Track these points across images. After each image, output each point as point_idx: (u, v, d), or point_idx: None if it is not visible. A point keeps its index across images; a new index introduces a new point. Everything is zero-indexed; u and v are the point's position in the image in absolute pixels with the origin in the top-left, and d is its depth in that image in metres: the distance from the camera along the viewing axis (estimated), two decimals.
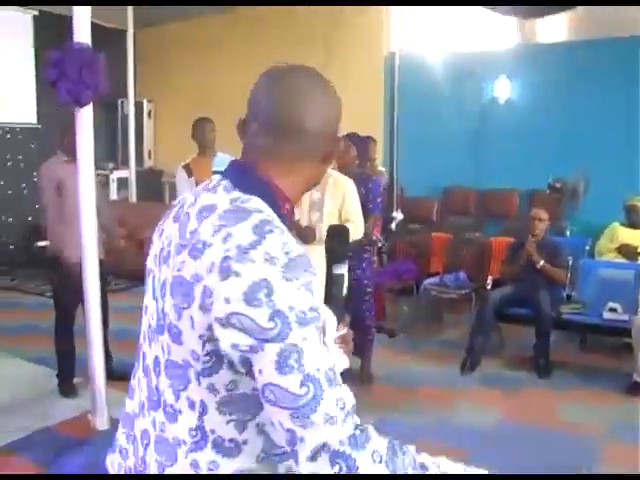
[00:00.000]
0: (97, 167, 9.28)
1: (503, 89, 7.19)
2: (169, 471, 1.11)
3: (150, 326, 1.17)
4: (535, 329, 4.78)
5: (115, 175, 9.30)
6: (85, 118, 3.38)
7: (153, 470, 1.14)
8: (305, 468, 1.00)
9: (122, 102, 9.32)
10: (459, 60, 7.27)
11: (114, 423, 1.62)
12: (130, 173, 8.84)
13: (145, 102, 9.73)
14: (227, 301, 0.98)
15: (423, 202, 7.58)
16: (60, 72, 3.18)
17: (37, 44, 8.17)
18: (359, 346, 4.47)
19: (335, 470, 0.99)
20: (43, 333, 4.55)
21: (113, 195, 9.16)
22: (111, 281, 6.03)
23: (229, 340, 0.99)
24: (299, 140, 1.15)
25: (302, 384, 0.97)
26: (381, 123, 7.60)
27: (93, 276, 3.49)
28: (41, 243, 4.84)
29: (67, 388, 4.20)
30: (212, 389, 1.05)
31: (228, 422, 1.07)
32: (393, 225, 6.74)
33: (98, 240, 4.07)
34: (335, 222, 3.80)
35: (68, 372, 4.22)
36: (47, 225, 4.21)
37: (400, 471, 1.05)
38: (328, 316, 1.26)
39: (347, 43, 7.81)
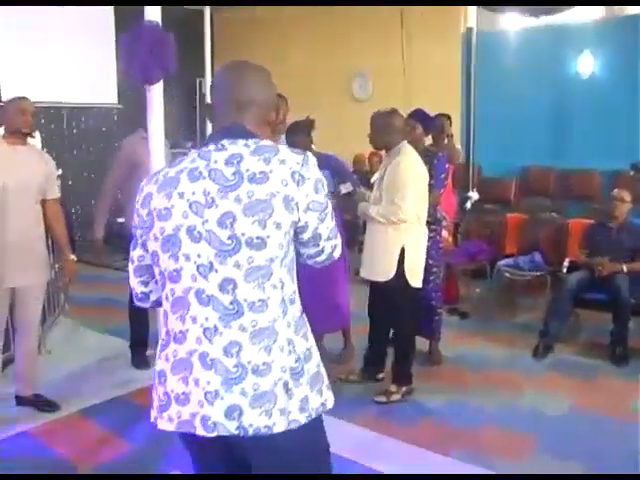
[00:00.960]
0: (177, 145, 9.58)
1: (586, 64, 6.86)
2: (276, 346, 1.56)
3: (201, 265, 1.55)
4: (613, 315, 4.57)
5: None
6: (155, 96, 3.41)
7: (260, 359, 1.54)
8: (336, 255, 1.76)
9: (200, 81, 9.47)
10: (539, 34, 6.99)
11: None
12: None
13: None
14: (307, 196, 1.57)
15: (500, 182, 7.38)
16: (130, 51, 3.23)
17: (118, 27, 8.38)
18: (426, 327, 4.41)
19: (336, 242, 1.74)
20: (121, 306, 4.69)
21: None
22: None
23: (312, 218, 1.59)
24: (254, 109, 1.66)
25: (332, 219, 1.68)
26: (458, 101, 7.40)
27: None
28: (120, 219, 4.95)
29: (139, 360, 4.34)
30: (286, 266, 1.58)
31: (292, 280, 1.63)
32: (468, 204, 6.58)
33: None
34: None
35: (141, 344, 4.36)
36: (123, 200, 4.34)
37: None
38: None
39: (424, 19, 7.64)
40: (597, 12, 6.82)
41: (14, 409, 3.71)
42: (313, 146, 4.33)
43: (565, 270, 5.05)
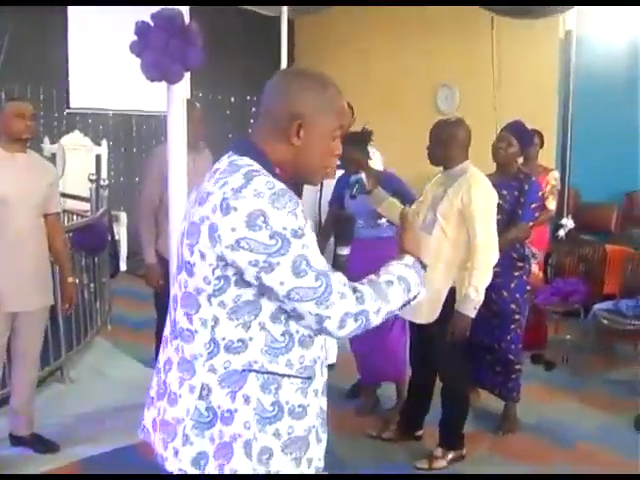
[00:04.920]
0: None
1: None
2: (188, 384, 1.41)
3: (174, 275, 1.54)
4: None
5: None
6: (176, 97, 2.90)
7: (174, 387, 1.44)
8: (340, 334, 1.39)
9: None
10: None
11: None
12: None
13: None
14: (233, 230, 1.31)
15: (600, 209, 6.50)
16: (145, 42, 2.71)
17: None
18: (501, 386, 3.68)
19: (358, 324, 1.39)
20: None
21: None
22: None
23: (244, 259, 1.31)
24: (266, 120, 1.49)
25: (316, 279, 1.34)
26: (554, 115, 6.58)
27: None
28: None
29: None
30: (222, 304, 1.37)
31: (236, 326, 1.38)
32: (562, 233, 5.75)
33: None
34: (453, 231, 3.05)
35: None
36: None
37: (384, 295, 1.45)
38: None
39: (517, 23, 6.85)
40: None
41: (7, 450, 3.27)
42: (370, 162, 3.71)
43: None
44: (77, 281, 3.54)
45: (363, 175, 3.32)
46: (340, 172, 3.71)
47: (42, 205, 3.14)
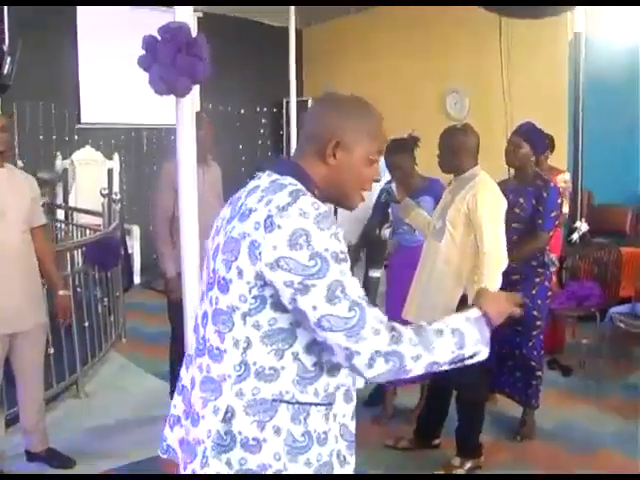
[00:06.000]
0: (259, 169, 9.22)
1: None
2: (213, 404, 1.37)
3: (202, 292, 1.48)
4: None
5: None
6: (185, 110, 2.91)
7: (197, 407, 1.42)
8: (368, 375, 1.30)
9: (287, 102, 9.03)
10: None
11: None
12: None
13: (310, 101, 9.35)
14: (274, 248, 1.28)
15: (614, 210, 6.43)
16: (152, 56, 2.73)
17: None
18: (520, 392, 3.65)
19: (389, 366, 1.29)
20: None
21: None
22: None
23: (281, 279, 1.28)
24: (308, 143, 1.49)
25: (350, 309, 1.28)
26: (565, 117, 6.54)
27: (192, 290, 2.99)
28: None
29: None
30: (256, 326, 1.34)
31: (269, 352, 1.34)
32: (575, 236, 5.69)
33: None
34: (460, 237, 3.04)
35: None
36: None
37: (428, 343, 1.35)
38: None
39: (526, 26, 6.84)
40: None
41: (24, 466, 3.28)
42: (417, 167, 3.72)
43: None
44: (69, 293, 3.49)
45: (393, 185, 3.33)
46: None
47: (27, 219, 3.09)
